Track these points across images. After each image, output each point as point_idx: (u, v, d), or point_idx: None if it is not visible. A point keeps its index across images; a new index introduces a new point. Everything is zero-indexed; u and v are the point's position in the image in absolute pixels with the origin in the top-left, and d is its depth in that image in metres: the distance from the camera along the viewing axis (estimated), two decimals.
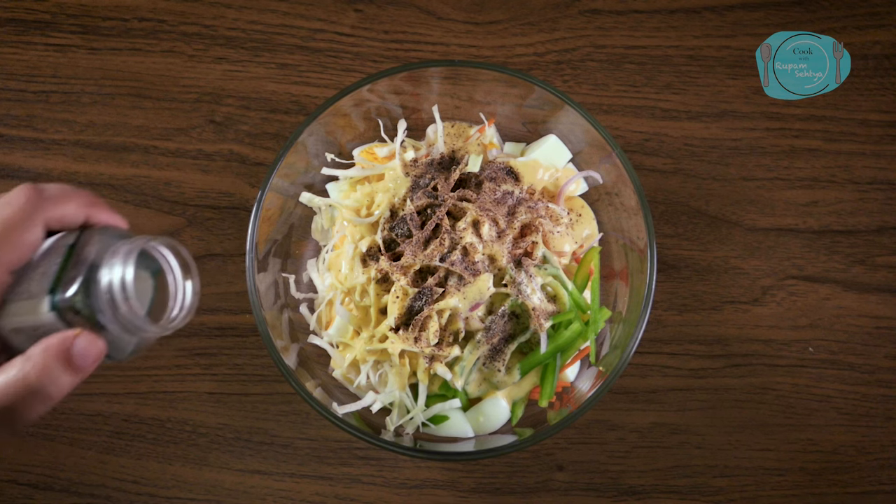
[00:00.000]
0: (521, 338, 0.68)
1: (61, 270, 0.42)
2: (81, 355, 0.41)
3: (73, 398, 0.76)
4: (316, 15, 0.84)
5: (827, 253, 0.79)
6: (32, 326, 0.42)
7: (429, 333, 0.66)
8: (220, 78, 0.82)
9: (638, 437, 0.76)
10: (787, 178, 0.81)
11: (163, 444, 0.76)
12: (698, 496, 0.75)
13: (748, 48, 0.83)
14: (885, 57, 0.83)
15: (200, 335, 0.77)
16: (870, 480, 0.76)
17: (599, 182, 0.74)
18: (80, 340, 0.41)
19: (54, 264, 0.42)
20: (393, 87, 0.72)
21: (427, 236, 0.67)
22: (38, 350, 0.41)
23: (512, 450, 0.66)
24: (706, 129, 0.82)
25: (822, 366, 0.77)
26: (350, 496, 0.75)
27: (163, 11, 0.83)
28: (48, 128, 0.81)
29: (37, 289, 0.42)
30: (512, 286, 0.67)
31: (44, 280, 0.42)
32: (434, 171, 0.72)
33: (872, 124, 0.82)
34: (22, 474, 0.75)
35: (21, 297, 0.42)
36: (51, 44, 0.82)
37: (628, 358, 0.65)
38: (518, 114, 0.76)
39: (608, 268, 0.74)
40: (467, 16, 0.84)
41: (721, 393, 0.77)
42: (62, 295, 0.41)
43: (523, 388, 0.71)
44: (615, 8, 0.84)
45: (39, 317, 0.42)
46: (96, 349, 0.42)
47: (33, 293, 0.42)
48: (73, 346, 0.41)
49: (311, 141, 0.72)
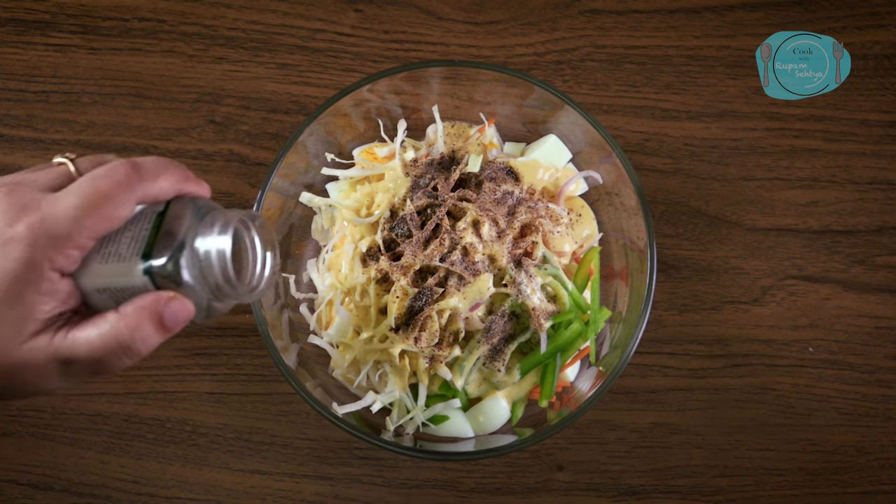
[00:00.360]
0: (521, 338, 0.68)
1: (152, 237, 0.44)
2: (172, 317, 0.44)
3: (73, 398, 0.76)
4: (316, 15, 0.84)
5: (827, 253, 0.79)
6: (120, 287, 0.44)
7: (429, 333, 0.66)
8: (220, 78, 0.82)
9: (638, 437, 0.76)
10: (787, 178, 0.81)
11: (163, 444, 0.76)
12: (698, 496, 0.75)
13: (748, 48, 0.83)
14: (885, 57, 0.83)
15: (200, 335, 0.77)
16: (870, 480, 0.76)
17: (599, 182, 0.74)
18: (173, 303, 0.43)
19: (144, 230, 0.44)
20: (393, 87, 0.72)
21: (427, 236, 0.67)
22: (132, 308, 0.43)
23: (512, 450, 0.66)
24: (706, 129, 0.82)
25: (822, 366, 0.77)
26: (350, 496, 0.75)
27: (163, 11, 0.83)
28: (48, 128, 0.81)
29: (127, 252, 0.44)
30: (512, 286, 0.67)
31: (134, 245, 0.44)
32: (434, 171, 0.72)
33: (872, 124, 0.82)
34: (22, 474, 0.75)
35: (110, 260, 0.44)
36: (51, 44, 0.82)
37: (628, 358, 0.65)
38: (518, 114, 0.76)
39: (608, 268, 0.74)
40: (467, 16, 0.84)
41: (721, 393, 0.77)
42: (157, 261, 0.43)
43: (523, 388, 0.71)
44: (615, 8, 0.84)
45: (131, 279, 0.44)
46: (186, 312, 0.44)
47: (123, 256, 0.44)
48: (165, 308, 0.43)
49: (311, 141, 0.72)
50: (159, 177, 0.44)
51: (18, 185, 0.43)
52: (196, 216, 0.45)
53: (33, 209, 0.41)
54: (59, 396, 0.76)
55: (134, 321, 0.43)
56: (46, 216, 0.41)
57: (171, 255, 0.43)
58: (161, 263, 0.43)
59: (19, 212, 0.41)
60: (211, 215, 0.45)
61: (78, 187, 0.42)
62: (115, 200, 0.42)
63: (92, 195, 0.42)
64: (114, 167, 0.43)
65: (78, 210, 0.41)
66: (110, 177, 0.43)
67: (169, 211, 0.45)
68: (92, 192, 0.42)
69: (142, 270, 0.43)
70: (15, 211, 0.41)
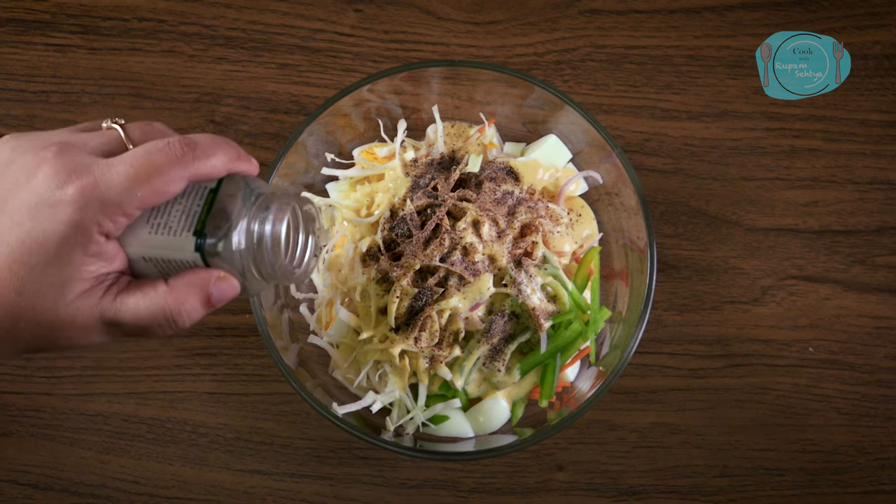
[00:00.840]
0: (521, 338, 0.68)
1: (205, 214, 0.44)
2: (220, 295, 0.45)
3: (73, 398, 0.76)
4: (316, 15, 0.84)
5: (827, 253, 0.79)
6: (168, 259, 0.45)
7: (429, 333, 0.66)
8: (220, 78, 0.82)
9: (638, 437, 0.76)
10: (787, 178, 0.81)
11: (163, 444, 0.76)
12: (698, 496, 0.75)
13: (748, 48, 0.83)
14: (885, 57, 0.83)
15: (200, 335, 0.77)
16: (870, 480, 0.76)
17: (599, 182, 0.74)
18: (221, 282, 0.45)
19: (196, 206, 0.45)
20: (393, 87, 0.72)
21: (427, 236, 0.67)
22: (181, 283, 0.44)
23: (512, 450, 0.66)
24: (706, 129, 0.82)
25: (822, 366, 0.77)
26: (350, 496, 0.75)
27: (163, 11, 0.83)
28: (48, 128, 0.81)
29: (178, 226, 0.44)
30: (512, 286, 0.67)
31: (185, 220, 0.44)
32: (434, 171, 0.72)
33: (872, 124, 0.82)
34: (22, 474, 0.75)
35: (159, 231, 0.44)
36: (51, 44, 0.82)
37: (628, 358, 0.65)
38: (518, 114, 0.76)
39: (608, 268, 0.74)
40: (467, 16, 0.84)
41: (721, 393, 0.77)
42: (210, 240, 0.44)
43: (523, 388, 0.71)
44: (615, 8, 0.84)
45: (181, 254, 0.44)
46: (233, 291, 0.46)
47: (173, 230, 0.44)
48: (214, 286, 0.45)
49: (311, 141, 0.72)
50: (213, 155, 0.45)
51: (69, 147, 0.43)
52: (248, 196, 0.46)
53: (85, 173, 0.41)
54: (59, 396, 0.76)
55: (183, 296, 0.44)
56: (99, 181, 0.41)
57: (223, 235, 0.44)
58: (213, 242, 0.44)
59: (70, 174, 0.41)
60: (265, 198, 0.46)
61: (133, 158, 0.42)
62: (169, 175, 0.43)
63: (146, 167, 0.42)
64: (170, 144, 0.43)
65: (131, 180, 0.42)
66: (165, 152, 0.43)
67: (222, 189, 0.46)
68: (147, 164, 0.42)
69: (193, 247, 0.44)
70: (66, 173, 0.41)
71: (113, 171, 0.42)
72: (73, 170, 0.41)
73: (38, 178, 0.41)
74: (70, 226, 0.41)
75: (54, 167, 0.41)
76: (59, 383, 0.76)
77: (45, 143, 0.43)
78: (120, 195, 0.41)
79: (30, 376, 0.76)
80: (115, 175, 0.42)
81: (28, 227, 0.41)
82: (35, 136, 0.44)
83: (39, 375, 0.76)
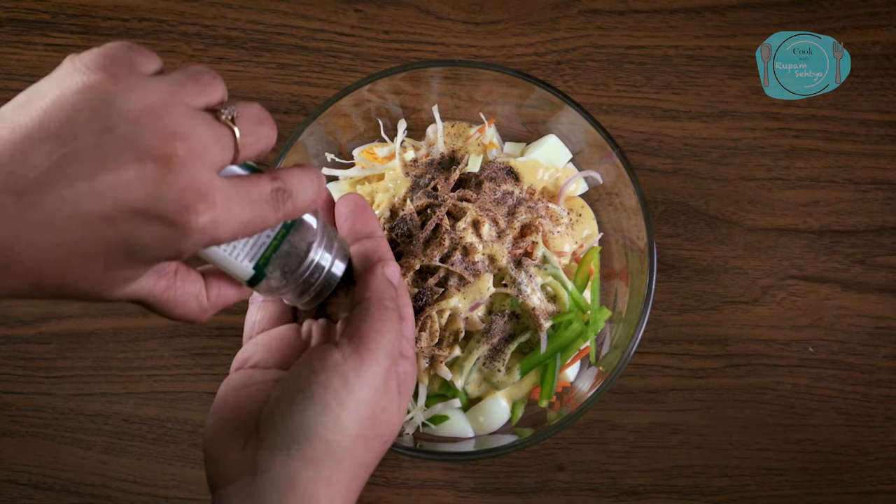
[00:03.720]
0: (521, 338, 0.68)
1: (271, 251, 0.44)
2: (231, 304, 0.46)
3: (73, 398, 0.76)
4: (316, 15, 0.84)
5: (827, 253, 0.79)
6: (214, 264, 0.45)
7: (429, 333, 0.66)
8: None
9: (638, 437, 0.76)
10: (787, 178, 0.81)
11: (163, 444, 0.76)
12: (698, 496, 0.75)
13: (748, 48, 0.83)
14: (885, 57, 0.83)
15: (200, 335, 0.77)
16: (870, 480, 0.76)
17: (599, 182, 0.74)
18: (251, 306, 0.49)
19: (266, 236, 0.44)
20: (393, 87, 0.72)
21: (427, 236, 0.67)
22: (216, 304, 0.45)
23: (512, 450, 0.66)
24: (706, 129, 0.82)
25: (822, 366, 0.77)
26: None
27: (163, 11, 0.83)
28: None
29: (241, 249, 0.44)
30: (512, 286, 0.67)
31: (250, 246, 0.44)
32: (434, 171, 0.72)
33: (872, 124, 0.82)
34: (22, 474, 0.75)
35: (221, 245, 0.44)
36: (51, 44, 0.82)
37: (628, 358, 0.65)
38: (518, 114, 0.76)
39: (608, 268, 0.74)
40: (467, 16, 0.84)
41: (721, 393, 0.77)
42: (268, 281, 0.45)
43: (523, 388, 0.71)
44: (615, 8, 0.84)
45: (233, 273, 0.45)
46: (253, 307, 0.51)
47: (236, 251, 0.44)
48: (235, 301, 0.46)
49: (311, 141, 0.72)
50: (304, 205, 0.43)
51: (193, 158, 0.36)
52: (318, 247, 0.46)
53: (206, 205, 0.36)
54: (60, 396, 0.76)
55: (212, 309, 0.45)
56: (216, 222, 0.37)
57: (282, 282, 0.45)
58: (269, 284, 0.45)
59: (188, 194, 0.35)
60: (331, 249, 0.47)
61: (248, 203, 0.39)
62: (267, 226, 0.41)
63: (252, 218, 0.39)
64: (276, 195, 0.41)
65: (238, 230, 0.38)
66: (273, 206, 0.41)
67: (295, 230, 0.45)
68: (253, 214, 0.39)
69: (248, 278, 0.45)
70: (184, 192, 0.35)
71: (229, 213, 0.37)
72: (194, 190, 0.36)
73: (149, 177, 0.35)
74: (168, 247, 0.36)
75: (171, 175, 0.35)
76: (59, 383, 0.76)
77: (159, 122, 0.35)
78: (223, 236, 0.38)
79: (30, 376, 0.76)
80: (229, 218, 0.38)
81: (121, 228, 0.35)
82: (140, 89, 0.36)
83: (39, 375, 0.76)
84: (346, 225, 0.51)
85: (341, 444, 0.44)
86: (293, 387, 0.44)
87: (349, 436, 0.44)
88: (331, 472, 0.44)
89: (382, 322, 0.46)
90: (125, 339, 0.77)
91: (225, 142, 0.38)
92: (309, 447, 0.43)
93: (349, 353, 0.45)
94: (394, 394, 0.47)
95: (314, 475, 0.43)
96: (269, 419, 0.44)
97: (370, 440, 0.45)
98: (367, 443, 0.45)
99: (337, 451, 0.44)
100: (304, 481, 0.43)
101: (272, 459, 0.43)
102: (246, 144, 0.39)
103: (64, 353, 0.77)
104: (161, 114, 0.36)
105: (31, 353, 0.77)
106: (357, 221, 0.51)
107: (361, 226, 0.51)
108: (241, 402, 0.47)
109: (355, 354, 0.45)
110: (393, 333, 0.46)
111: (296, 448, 0.43)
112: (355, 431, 0.44)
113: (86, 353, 0.77)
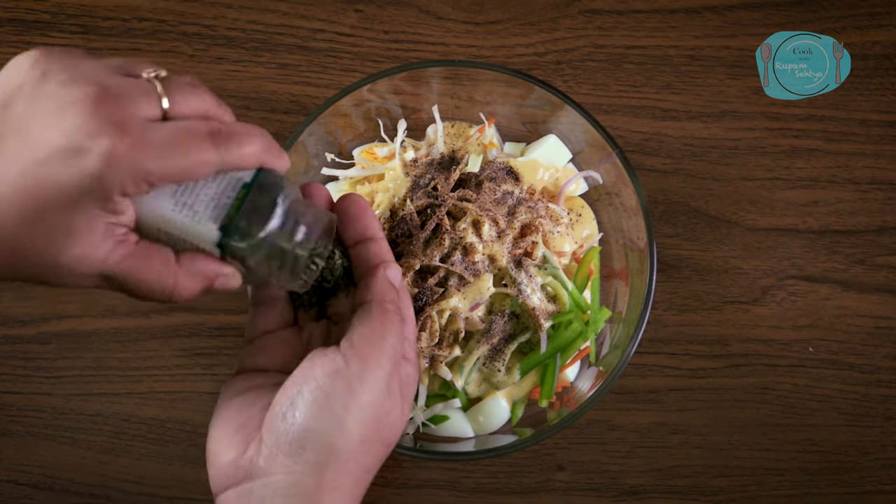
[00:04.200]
0: (521, 338, 0.68)
1: (234, 210, 0.43)
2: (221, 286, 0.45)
3: (73, 398, 0.76)
4: (316, 15, 0.84)
5: (827, 253, 0.79)
6: (183, 239, 0.44)
7: (429, 333, 0.66)
8: (220, 78, 0.82)
9: (638, 437, 0.76)
10: (787, 178, 0.81)
11: (163, 444, 0.76)
12: (698, 496, 0.75)
13: (748, 48, 0.83)
14: (885, 57, 0.83)
15: (200, 335, 0.77)
16: (870, 480, 0.76)
17: (599, 182, 0.74)
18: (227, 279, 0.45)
19: (226, 196, 0.43)
20: (393, 87, 0.72)
21: (427, 236, 0.67)
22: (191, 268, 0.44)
23: (512, 450, 0.66)
24: (706, 129, 0.82)
25: (822, 366, 0.77)
26: None
27: (163, 11, 0.83)
28: None
29: (203, 213, 0.43)
30: (512, 286, 0.67)
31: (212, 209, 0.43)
32: (434, 171, 0.72)
33: (872, 124, 0.82)
34: (22, 474, 0.75)
35: (183, 211, 0.43)
36: (51, 44, 0.82)
37: (628, 358, 0.65)
38: (518, 114, 0.76)
39: (608, 268, 0.74)
40: (467, 16, 0.84)
41: (721, 393, 0.77)
42: (235, 241, 0.43)
43: (523, 388, 0.71)
44: (615, 8, 0.84)
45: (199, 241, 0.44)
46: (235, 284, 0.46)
47: (198, 215, 0.43)
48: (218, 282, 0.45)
49: (311, 141, 0.72)
50: (245, 144, 0.43)
51: (111, 95, 0.40)
52: (282, 203, 0.44)
53: (123, 132, 0.39)
54: (60, 396, 0.76)
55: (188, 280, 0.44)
56: (135, 144, 0.39)
57: (250, 239, 0.43)
58: (238, 245, 0.43)
59: (107, 126, 0.39)
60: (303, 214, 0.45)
61: (176, 134, 0.41)
62: (201, 159, 0.41)
63: (183, 146, 0.41)
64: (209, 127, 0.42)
65: (166, 154, 0.40)
66: (202, 135, 0.42)
67: (256, 187, 0.44)
68: (185, 142, 0.41)
69: (215, 240, 0.43)
70: (103, 124, 0.39)
71: (154, 142, 0.40)
72: (112, 122, 0.39)
73: (71, 118, 0.39)
74: (94, 179, 0.39)
75: (92, 113, 0.39)
76: (59, 383, 0.76)
77: (84, 77, 0.40)
78: (155, 167, 0.40)
79: (30, 376, 0.76)
80: (155, 147, 0.40)
81: (49, 167, 0.38)
82: (70, 61, 0.41)
83: (39, 375, 0.76)
84: (347, 226, 0.51)
85: (345, 448, 0.44)
86: (296, 391, 0.44)
87: (353, 440, 0.44)
88: (334, 476, 0.43)
89: (385, 325, 0.46)
90: (125, 339, 0.77)
91: (148, 92, 0.41)
92: (313, 452, 0.43)
93: (352, 357, 0.45)
94: (396, 397, 0.46)
95: (318, 480, 0.43)
96: (272, 423, 0.44)
97: (374, 444, 0.45)
98: (370, 447, 0.45)
99: (341, 456, 0.43)
100: (307, 486, 0.43)
101: (275, 464, 0.43)
102: (175, 101, 0.42)
103: (64, 353, 0.77)
104: (86, 73, 0.40)
105: (31, 353, 0.77)
106: (357, 223, 0.51)
107: (362, 227, 0.51)
108: (243, 406, 0.47)
109: (358, 358, 0.45)
110: (395, 337, 0.46)
111: (299, 453, 0.43)
112: (359, 436, 0.44)
113: (86, 353, 0.77)
